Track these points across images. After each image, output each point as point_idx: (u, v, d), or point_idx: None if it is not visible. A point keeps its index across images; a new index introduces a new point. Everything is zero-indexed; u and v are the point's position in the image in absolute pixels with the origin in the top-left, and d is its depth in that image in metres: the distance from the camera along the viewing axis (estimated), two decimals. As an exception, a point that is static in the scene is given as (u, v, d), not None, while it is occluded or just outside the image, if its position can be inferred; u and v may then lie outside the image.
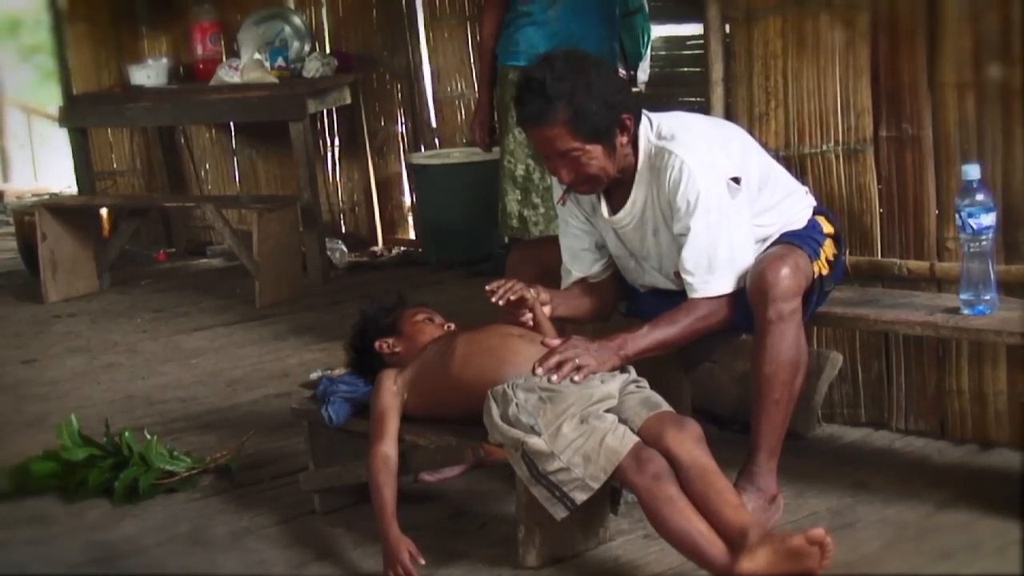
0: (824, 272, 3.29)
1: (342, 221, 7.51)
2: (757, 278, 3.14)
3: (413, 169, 6.96)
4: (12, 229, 7.82)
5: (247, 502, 3.61)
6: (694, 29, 5.63)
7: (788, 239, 3.28)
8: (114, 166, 8.25)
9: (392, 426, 3.15)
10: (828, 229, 3.37)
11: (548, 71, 3.10)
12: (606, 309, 3.52)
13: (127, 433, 3.76)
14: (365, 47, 7.20)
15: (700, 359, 3.70)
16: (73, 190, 8.09)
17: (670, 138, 3.20)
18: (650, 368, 3.19)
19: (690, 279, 3.19)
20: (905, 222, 3.64)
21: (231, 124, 7.76)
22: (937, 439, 3.66)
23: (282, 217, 6.26)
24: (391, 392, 3.20)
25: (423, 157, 6.85)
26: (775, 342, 3.12)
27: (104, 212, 7.25)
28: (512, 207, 4.79)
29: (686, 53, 6.13)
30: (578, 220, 3.43)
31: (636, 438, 2.85)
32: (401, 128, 7.18)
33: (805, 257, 3.23)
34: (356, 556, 3.20)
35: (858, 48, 3.64)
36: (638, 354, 3.14)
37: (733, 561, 2.69)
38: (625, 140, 3.19)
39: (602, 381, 3.01)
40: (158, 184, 8.07)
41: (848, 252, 3.63)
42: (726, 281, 3.19)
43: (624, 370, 3.11)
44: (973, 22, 3.42)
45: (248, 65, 6.97)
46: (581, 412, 2.89)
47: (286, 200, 6.61)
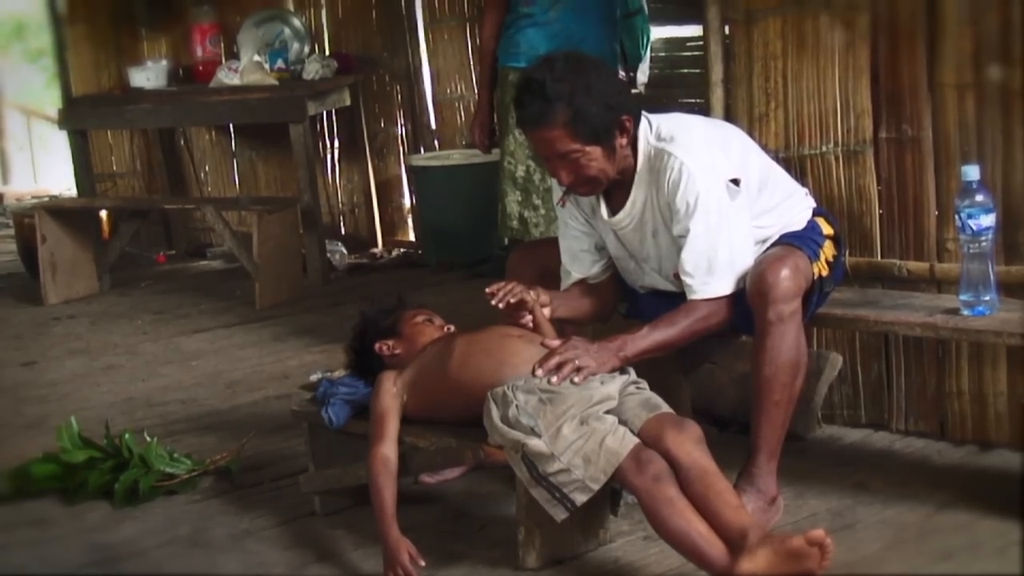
0: (824, 273, 3.28)
1: (342, 223, 7.50)
2: (757, 279, 3.14)
3: (413, 171, 6.95)
4: (12, 231, 7.84)
5: (247, 504, 3.61)
6: (694, 30, 5.63)
7: (788, 240, 3.28)
8: (114, 168, 8.26)
9: (392, 428, 3.15)
10: (828, 230, 3.37)
11: (548, 73, 3.10)
12: (606, 310, 3.52)
13: (127, 435, 3.77)
14: (365, 49, 7.20)
15: (700, 360, 3.70)
16: (73, 192, 8.09)
17: (669, 140, 3.20)
18: (650, 369, 3.19)
19: (690, 281, 3.18)
20: (905, 223, 3.64)
21: (231, 126, 7.75)
22: (937, 440, 3.65)
23: (282, 219, 6.26)
24: (391, 394, 3.20)
25: (423, 159, 6.85)
26: (775, 343, 3.12)
27: (104, 214, 7.25)
28: (512, 208, 4.79)
29: (686, 54, 6.13)
30: (578, 221, 3.43)
31: (636, 439, 2.85)
32: (401, 130, 7.17)
33: (805, 258, 3.22)
34: (356, 558, 3.19)
35: (858, 49, 3.64)
36: (638, 355, 3.14)
37: (733, 562, 2.69)
38: (625, 142, 3.19)
39: (602, 382, 3.01)
40: (158, 186, 8.08)
41: (848, 253, 3.63)
42: (726, 283, 3.18)
43: (624, 371, 3.11)
44: (973, 23, 3.42)
45: (248, 67, 6.96)
46: (581, 413, 2.89)
47: (286, 202, 6.61)
